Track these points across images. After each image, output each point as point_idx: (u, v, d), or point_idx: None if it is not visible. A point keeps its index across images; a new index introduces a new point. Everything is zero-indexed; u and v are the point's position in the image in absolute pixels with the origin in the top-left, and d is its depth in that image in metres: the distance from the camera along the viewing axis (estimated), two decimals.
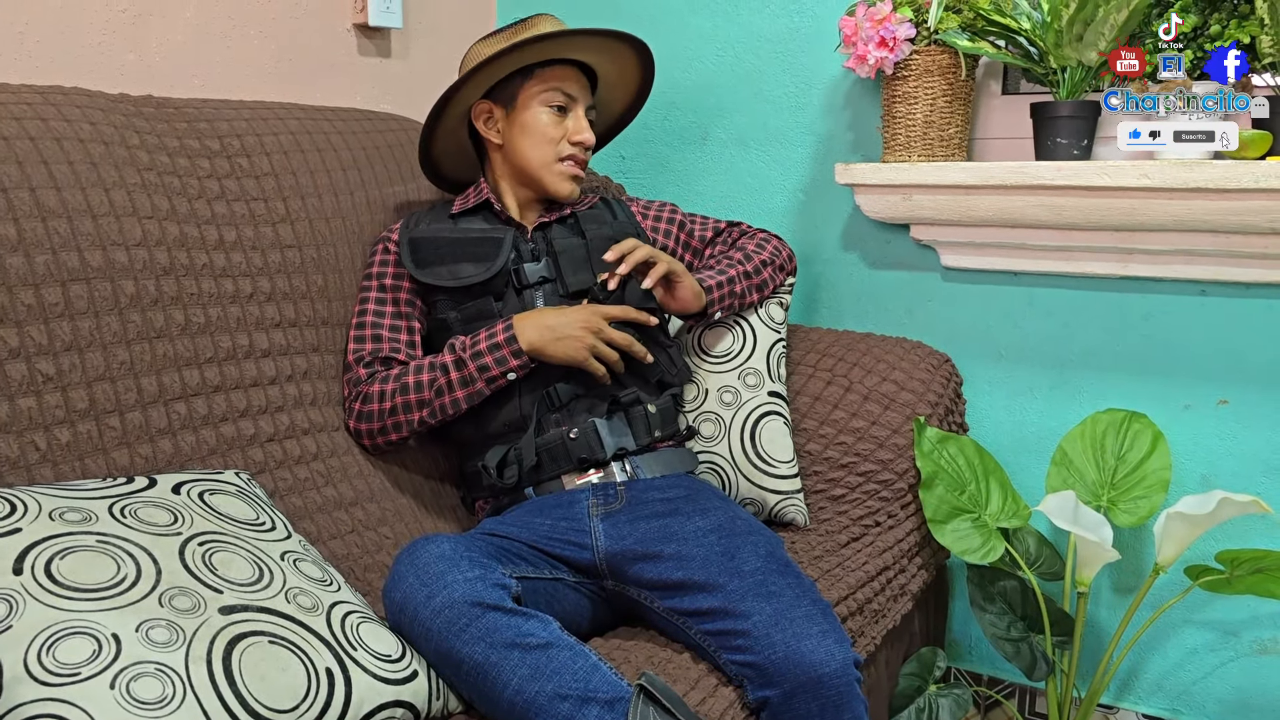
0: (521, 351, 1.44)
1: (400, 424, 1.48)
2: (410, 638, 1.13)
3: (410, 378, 1.47)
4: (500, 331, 1.45)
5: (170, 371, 1.30)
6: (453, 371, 1.45)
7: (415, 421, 1.47)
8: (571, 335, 1.44)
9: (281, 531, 1.18)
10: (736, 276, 1.61)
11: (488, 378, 1.44)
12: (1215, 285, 1.63)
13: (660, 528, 1.37)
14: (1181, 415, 1.67)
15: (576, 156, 1.59)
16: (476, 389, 1.45)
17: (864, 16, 1.63)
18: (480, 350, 1.44)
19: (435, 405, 1.46)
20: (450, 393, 1.45)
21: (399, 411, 1.47)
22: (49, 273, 1.20)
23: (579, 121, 1.58)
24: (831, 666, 1.16)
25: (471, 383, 1.44)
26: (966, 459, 1.65)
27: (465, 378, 1.44)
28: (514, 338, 1.44)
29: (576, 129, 1.58)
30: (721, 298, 1.58)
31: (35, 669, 0.88)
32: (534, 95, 1.57)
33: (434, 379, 1.45)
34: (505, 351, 1.44)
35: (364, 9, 1.92)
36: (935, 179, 1.66)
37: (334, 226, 1.57)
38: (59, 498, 1.05)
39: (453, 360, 1.45)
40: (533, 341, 1.44)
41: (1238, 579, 1.50)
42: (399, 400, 1.46)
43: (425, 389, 1.46)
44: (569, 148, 1.58)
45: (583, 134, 1.58)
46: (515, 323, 1.45)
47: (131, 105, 1.42)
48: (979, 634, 1.90)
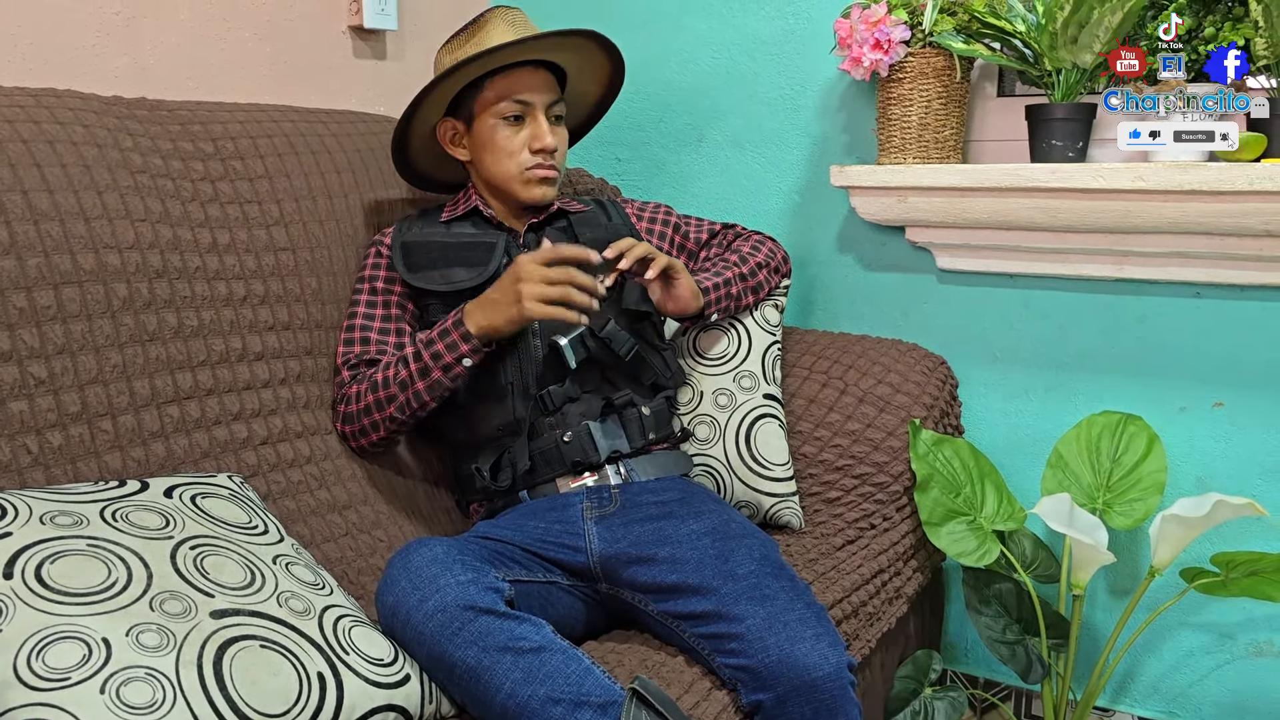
0: (470, 334, 1.40)
1: (376, 423, 1.47)
2: (403, 641, 1.13)
3: (379, 374, 1.46)
4: (449, 318, 1.43)
5: (163, 374, 1.30)
6: (411, 364, 1.43)
7: (387, 419, 1.46)
8: (506, 297, 1.39)
9: (274, 535, 1.18)
10: (733, 279, 1.61)
11: (442, 365, 1.42)
12: (1210, 287, 1.63)
13: (654, 531, 1.36)
14: (1177, 417, 1.67)
15: (541, 162, 1.54)
16: (434, 379, 1.43)
17: (859, 19, 1.63)
18: (432, 339, 1.43)
19: (400, 400, 1.44)
20: (411, 385, 1.43)
21: (371, 410, 1.46)
22: (41, 275, 1.19)
23: (538, 126, 1.53)
24: (825, 670, 1.16)
25: (428, 373, 1.42)
26: (962, 461, 1.65)
27: (422, 368, 1.43)
28: (460, 321, 1.41)
29: (535, 135, 1.53)
30: (718, 299, 1.58)
31: (25, 673, 0.88)
32: (487, 107, 1.53)
33: (396, 373, 1.44)
34: (454, 336, 1.41)
35: (359, 11, 1.92)
36: (930, 181, 1.66)
37: (328, 229, 1.57)
38: (50, 501, 1.05)
39: (411, 353, 1.44)
40: (479, 322, 1.40)
41: (1233, 582, 1.50)
42: (370, 399, 1.46)
43: (391, 384, 1.45)
44: (531, 156, 1.54)
45: (543, 140, 1.53)
46: (465, 307, 1.43)
47: (125, 108, 1.42)
48: (975, 637, 1.90)
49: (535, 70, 1.55)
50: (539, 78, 1.55)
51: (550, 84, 1.57)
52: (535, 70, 1.55)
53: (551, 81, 1.57)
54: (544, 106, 1.55)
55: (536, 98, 1.54)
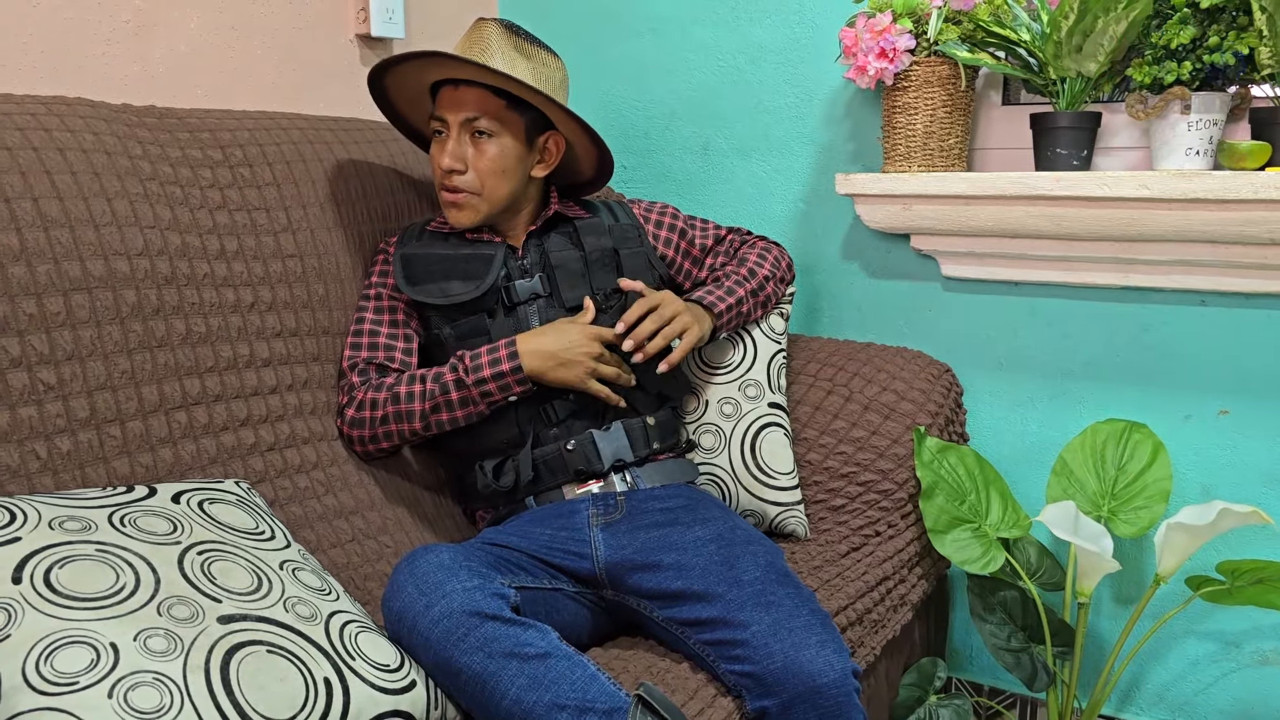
0: (526, 379, 1.43)
1: (391, 434, 1.47)
2: (409, 647, 1.13)
3: (403, 388, 1.46)
4: (505, 359, 1.43)
5: (171, 381, 1.30)
6: (453, 391, 1.44)
7: (406, 432, 1.47)
8: (572, 360, 1.44)
9: (281, 540, 1.18)
10: (744, 296, 1.62)
11: (490, 401, 1.45)
12: (1215, 295, 1.63)
13: (660, 537, 1.37)
14: (1182, 426, 1.67)
15: (444, 183, 1.50)
16: (478, 410, 1.45)
17: (864, 28, 1.64)
18: (484, 376, 1.43)
19: (432, 420, 1.45)
20: (450, 411, 1.45)
21: (390, 421, 1.46)
22: (51, 282, 1.20)
23: (442, 144, 1.49)
24: (830, 676, 1.16)
25: (473, 404, 1.45)
26: (967, 469, 1.65)
27: (466, 398, 1.44)
28: (519, 366, 1.43)
29: (440, 156, 1.49)
30: (729, 320, 1.60)
31: (33, 678, 0.88)
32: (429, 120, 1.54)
33: (432, 392, 1.45)
34: (509, 379, 1.43)
35: (366, 20, 1.93)
36: (935, 189, 1.67)
37: (335, 236, 1.58)
38: (59, 506, 1.05)
39: (453, 380, 1.44)
40: (534, 368, 1.43)
41: (1239, 590, 1.50)
42: (390, 410, 1.46)
43: (421, 400, 1.45)
44: (440, 176, 1.51)
45: (443, 160, 1.48)
46: (519, 348, 1.44)
47: (134, 115, 1.43)
48: (979, 644, 1.90)
49: (455, 87, 1.48)
50: (457, 94, 1.48)
51: (474, 100, 1.47)
52: (455, 87, 1.48)
53: (478, 96, 1.47)
54: (457, 124, 1.48)
55: (449, 114, 1.49)
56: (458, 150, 1.48)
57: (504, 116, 1.49)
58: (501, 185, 1.51)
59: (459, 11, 2.13)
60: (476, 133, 1.48)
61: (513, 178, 1.51)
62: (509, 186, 1.51)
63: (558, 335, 1.45)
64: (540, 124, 1.53)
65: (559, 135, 1.55)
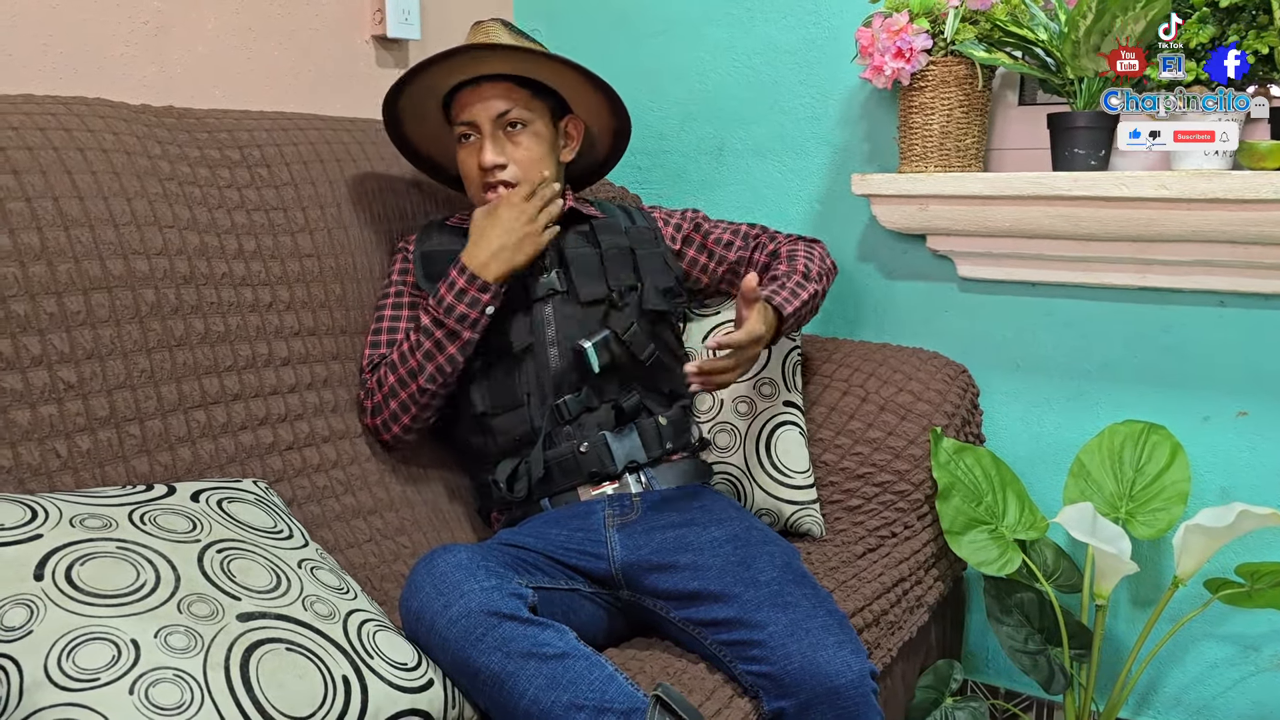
0: (488, 285, 1.44)
1: (406, 403, 1.47)
2: (427, 647, 1.13)
3: (395, 354, 1.48)
4: (459, 278, 1.45)
5: (190, 380, 1.31)
6: (435, 331, 1.45)
7: (416, 391, 1.46)
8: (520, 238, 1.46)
9: (299, 539, 1.19)
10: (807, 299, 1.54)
11: (469, 323, 1.45)
12: (1234, 296, 1.62)
13: (676, 538, 1.37)
14: (1200, 427, 1.66)
15: (490, 180, 1.50)
16: (465, 339, 1.45)
17: (880, 27, 1.63)
18: (449, 303, 1.44)
19: (430, 369, 1.45)
20: (441, 351, 1.45)
21: (399, 389, 1.47)
22: (71, 281, 1.21)
23: (481, 144, 1.50)
24: (848, 677, 1.16)
25: (457, 335, 1.45)
26: (983, 470, 1.64)
27: (450, 332, 1.45)
28: (473, 275, 1.44)
29: (479, 155, 1.50)
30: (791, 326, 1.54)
31: (55, 674, 0.89)
32: (453, 129, 1.55)
33: (419, 342, 1.46)
34: (472, 291, 1.44)
35: (382, 21, 1.94)
36: (952, 189, 1.66)
37: (353, 236, 1.58)
38: (80, 505, 1.06)
39: (430, 321, 1.46)
40: (495, 270, 1.45)
41: (1258, 592, 1.49)
42: (393, 379, 1.47)
43: (414, 354, 1.46)
44: (480, 175, 1.51)
45: (480, 157, 1.49)
46: (468, 263, 1.45)
47: (153, 116, 1.43)
48: (996, 646, 1.89)
49: (476, 87, 1.51)
50: (480, 92, 1.50)
51: (500, 94, 1.50)
52: (476, 87, 1.51)
53: (504, 89, 1.50)
54: (489, 121, 1.50)
55: (478, 114, 1.50)
56: (495, 147, 1.50)
57: (532, 104, 1.52)
58: (543, 171, 1.53)
59: (474, 13, 2.13)
60: (509, 125, 1.51)
61: (550, 162, 1.54)
62: (549, 171, 1.54)
63: (492, 227, 1.46)
64: (559, 110, 1.57)
65: (577, 119, 1.59)
